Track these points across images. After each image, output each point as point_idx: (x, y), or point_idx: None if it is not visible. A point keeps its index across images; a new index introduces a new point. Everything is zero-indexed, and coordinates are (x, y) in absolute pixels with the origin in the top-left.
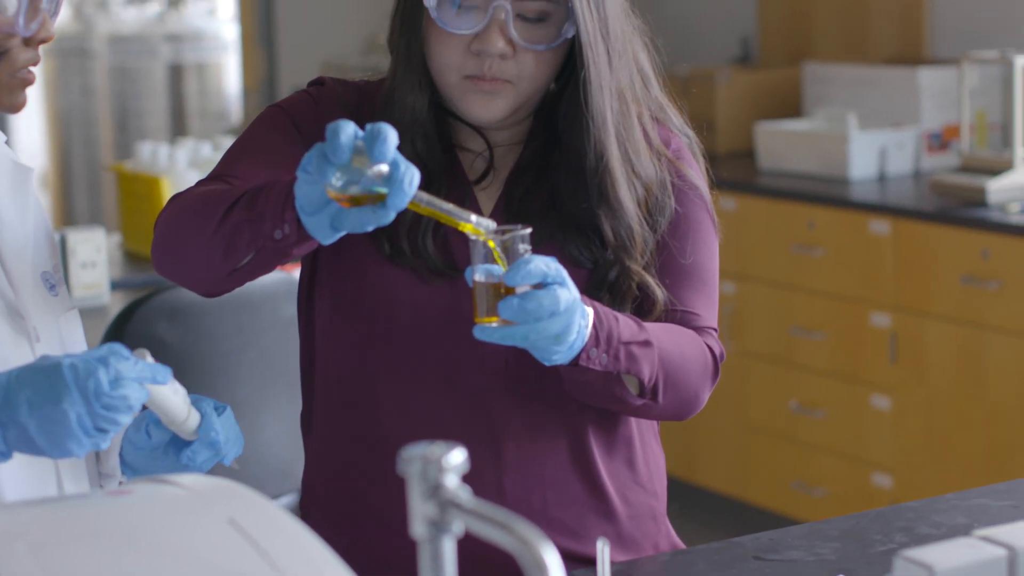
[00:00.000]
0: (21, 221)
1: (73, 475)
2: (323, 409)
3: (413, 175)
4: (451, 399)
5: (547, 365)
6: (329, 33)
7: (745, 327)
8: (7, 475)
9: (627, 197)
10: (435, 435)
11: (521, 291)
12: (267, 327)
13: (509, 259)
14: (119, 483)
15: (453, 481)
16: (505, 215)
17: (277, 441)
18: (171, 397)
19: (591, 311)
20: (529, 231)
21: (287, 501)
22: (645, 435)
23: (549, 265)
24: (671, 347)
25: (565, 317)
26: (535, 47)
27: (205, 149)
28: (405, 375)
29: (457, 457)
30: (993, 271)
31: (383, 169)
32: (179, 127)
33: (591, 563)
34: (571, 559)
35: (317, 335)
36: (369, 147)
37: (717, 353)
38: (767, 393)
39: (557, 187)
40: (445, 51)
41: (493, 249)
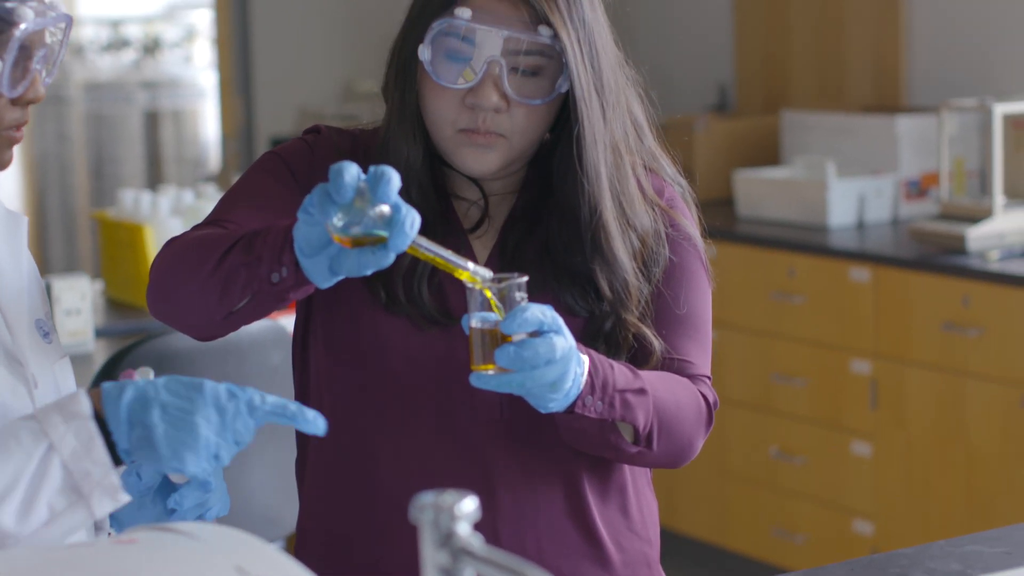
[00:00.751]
0: (16, 268)
1: None
2: (317, 456)
3: (414, 218)
4: (445, 447)
5: (543, 413)
6: (306, 81)
7: (725, 374)
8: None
9: (622, 250)
10: (429, 483)
11: (517, 339)
12: (254, 374)
13: (506, 307)
14: (107, 534)
15: (465, 529)
16: (500, 263)
17: (264, 488)
18: None
19: (586, 359)
20: (525, 279)
21: None
22: (638, 482)
23: (545, 313)
24: (666, 395)
25: (561, 365)
26: (529, 102)
27: (187, 197)
28: (399, 423)
29: (469, 505)
30: (973, 318)
31: (384, 210)
32: (155, 174)
33: None
34: None
35: (311, 382)
36: (372, 188)
37: (711, 401)
38: (747, 440)
39: (551, 238)
40: (440, 104)
41: (489, 297)
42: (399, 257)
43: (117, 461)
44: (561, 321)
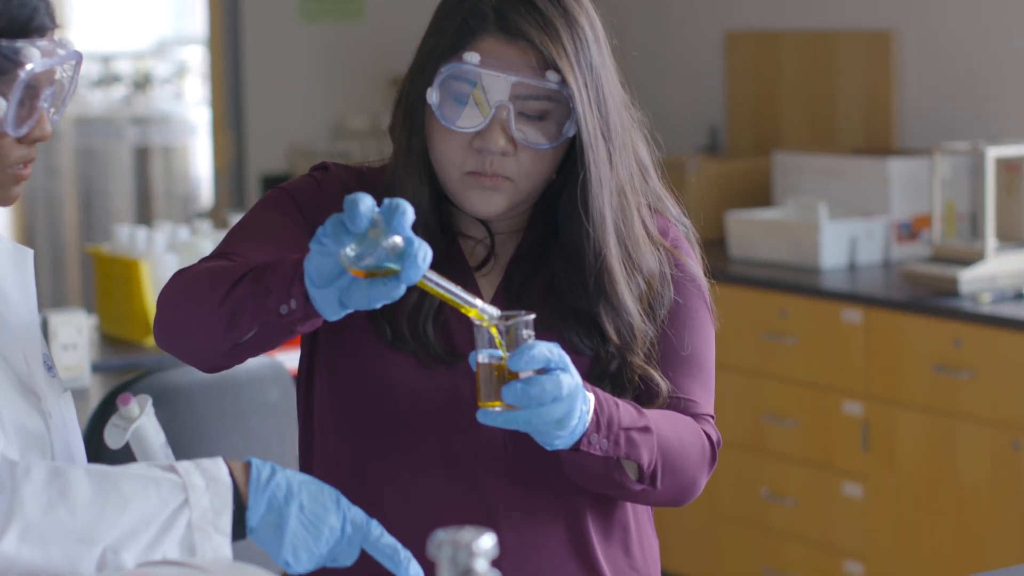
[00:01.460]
0: (26, 302)
1: None
2: None
3: (427, 251)
4: (449, 484)
5: (548, 450)
6: (297, 118)
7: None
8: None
9: (627, 294)
10: (432, 519)
11: (525, 376)
12: (251, 411)
13: (513, 344)
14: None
15: (483, 566)
16: (505, 301)
17: None
18: (154, 439)
19: (592, 396)
20: (533, 317)
21: None
22: (641, 520)
23: (552, 351)
24: (670, 433)
25: (568, 402)
26: (536, 146)
27: (182, 233)
28: (403, 460)
29: (487, 542)
30: (965, 361)
31: (397, 242)
32: (145, 209)
33: None
34: None
35: (316, 418)
36: (387, 219)
37: (715, 440)
38: (738, 480)
39: (557, 279)
40: (447, 147)
41: (495, 336)
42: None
43: (236, 534)
44: (568, 359)
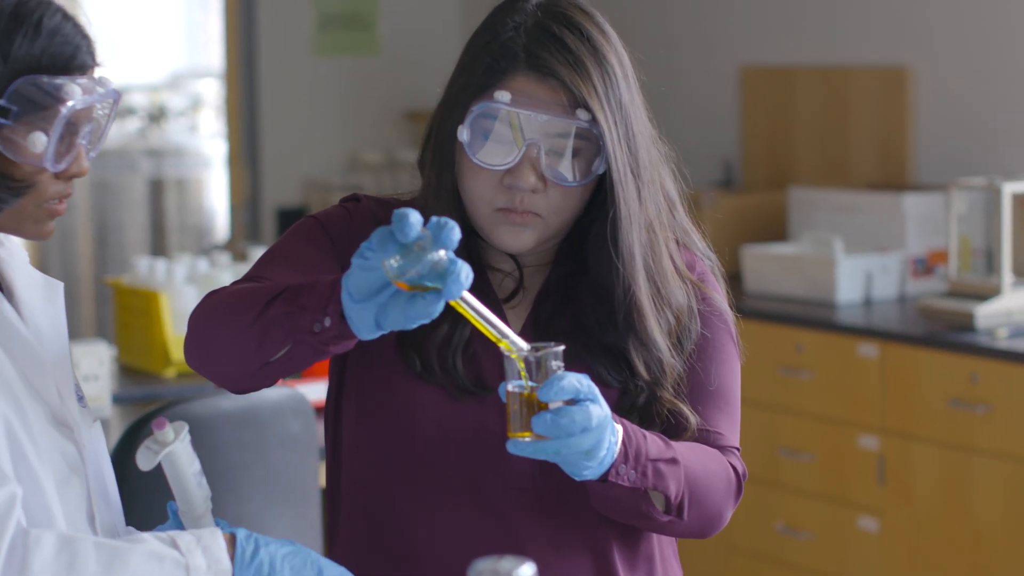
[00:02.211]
0: (57, 335)
1: None
2: (348, 520)
3: (469, 271)
4: (476, 515)
5: (577, 480)
6: (312, 152)
7: None
8: None
9: (656, 330)
10: (459, 550)
11: (554, 407)
12: (273, 443)
13: (542, 375)
14: None
15: None
16: (533, 334)
17: None
18: (196, 490)
19: (620, 428)
20: (562, 348)
21: None
22: (665, 552)
23: (582, 382)
24: (696, 465)
25: (596, 433)
26: (566, 183)
27: (202, 265)
28: (430, 490)
29: (527, 571)
30: (981, 395)
31: (442, 256)
32: (159, 242)
33: None
34: None
35: (343, 448)
36: (436, 233)
37: (740, 472)
38: (753, 514)
39: (585, 313)
40: (477, 184)
41: (521, 369)
42: (435, 326)
43: None
44: (597, 390)
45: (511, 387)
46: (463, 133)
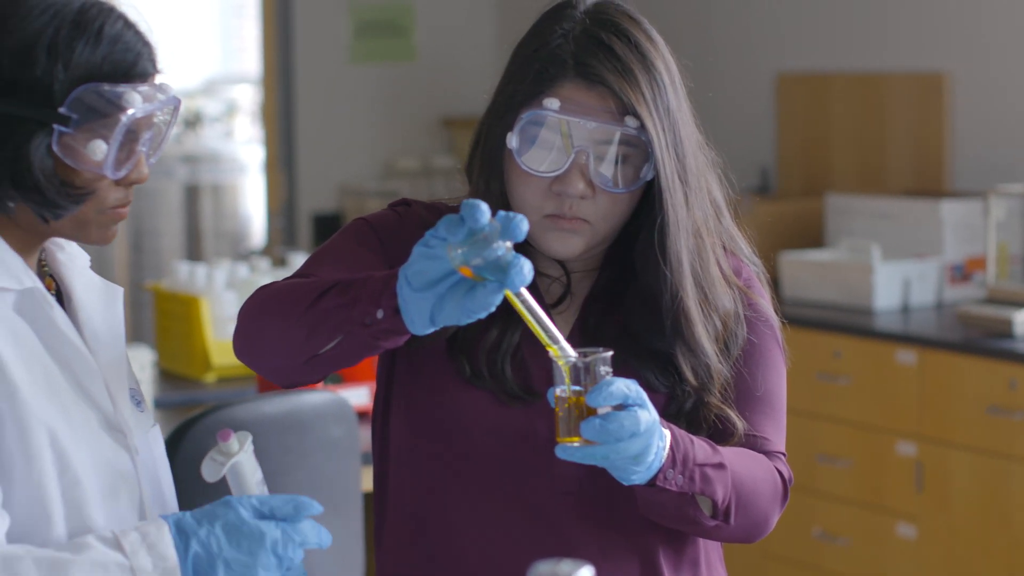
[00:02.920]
0: (114, 339)
1: None
2: (395, 524)
3: (531, 267)
4: (523, 519)
5: (625, 485)
6: (347, 158)
7: None
8: None
9: (704, 336)
10: (506, 555)
11: (603, 412)
12: (315, 448)
13: (591, 381)
14: None
15: None
16: (581, 339)
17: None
18: (250, 477)
19: (668, 433)
20: (611, 354)
21: None
22: (711, 557)
23: (630, 387)
24: (743, 470)
25: (645, 438)
26: (615, 190)
27: (242, 270)
28: (478, 494)
29: (586, 574)
30: (1019, 402)
31: (509, 248)
32: (194, 247)
33: None
34: None
35: (391, 453)
36: (505, 225)
37: (787, 477)
38: (790, 521)
39: (632, 319)
40: (526, 191)
41: (566, 375)
42: (484, 331)
43: None
44: (645, 395)
45: (560, 392)
46: (512, 140)
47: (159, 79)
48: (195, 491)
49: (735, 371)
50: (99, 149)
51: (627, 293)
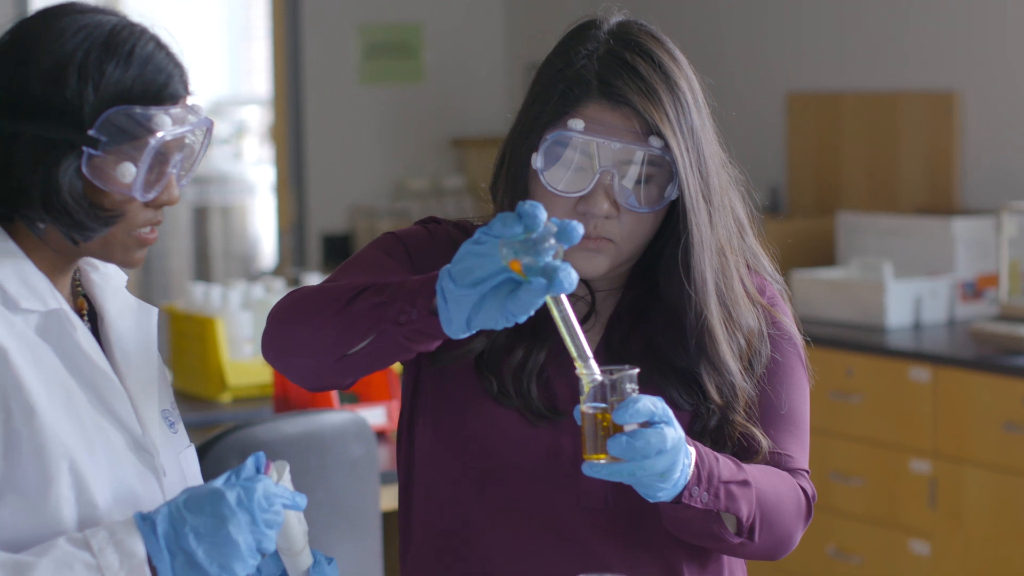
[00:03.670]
0: (146, 360)
1: None
2: (421, 542)
3: (576, 276)
4: (549, 536)
5: (650, 502)
6: (357, 178)
7: None
8: None
9: (728, 354)
10: (532, 571)
11: (629, 429)
12: (335, 467)
13: (617, 398)
14: None
15: None
16: (606, 357)
17: None
18: (296, 525)
19: (693, 450)
20: (637, 371)
21: None
22: (735, 573)
23: (656, 404)
24: (768, 487)
25: (671, 455)
26: (639, 210)
27: (257, 291)
28: (503, 511)
29: None
30: None
31: (560, 252)
32: (203, 268)
33: None
34: None
35: (416, 468)
36: (562, 228)
37: (810, 494)
38: (804, 538)
39: (657, 337)
40: (551, 210)
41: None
42: (510, 351)
43: None
44: (671, 412)
45: (586, 408)
46: (537, 160)
47: (191, 100)
48: None
49: (759, 389)
50: (128, 172)
51: (651, 311)
